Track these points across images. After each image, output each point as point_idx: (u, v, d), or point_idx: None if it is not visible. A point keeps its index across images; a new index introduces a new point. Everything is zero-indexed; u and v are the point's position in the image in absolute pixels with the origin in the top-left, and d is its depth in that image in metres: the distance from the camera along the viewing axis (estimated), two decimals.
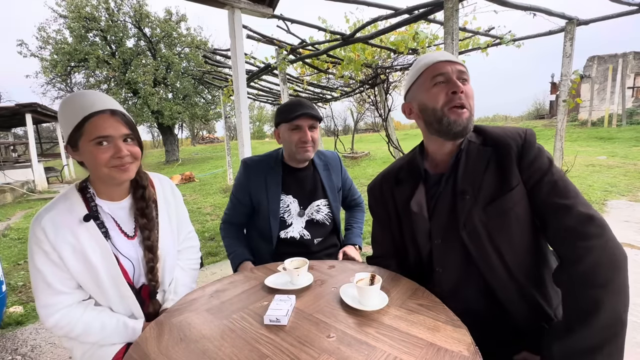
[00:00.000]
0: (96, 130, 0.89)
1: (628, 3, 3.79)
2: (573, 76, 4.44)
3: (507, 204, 0.84)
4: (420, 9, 3.13)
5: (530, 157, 0.85)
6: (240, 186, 1.45)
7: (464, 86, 0.87)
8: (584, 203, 0.78)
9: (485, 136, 0.92)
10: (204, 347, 0.73)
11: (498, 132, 0.91)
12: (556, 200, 0.80)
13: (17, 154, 12.83)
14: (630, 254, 2.83)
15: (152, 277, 1.03)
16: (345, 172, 1.64)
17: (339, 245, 1.57)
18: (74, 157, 0.95)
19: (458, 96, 0.86)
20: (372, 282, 0.87)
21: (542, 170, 0.83)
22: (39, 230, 0.87)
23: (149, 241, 1.02)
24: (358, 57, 4.51)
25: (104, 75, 15.67)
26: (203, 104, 17.99)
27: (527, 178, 0.85)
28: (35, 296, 0.91)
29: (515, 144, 0.86)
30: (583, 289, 0.71)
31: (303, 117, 1.32)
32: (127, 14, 15.75)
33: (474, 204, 0.87)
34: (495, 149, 0.89)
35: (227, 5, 2.67)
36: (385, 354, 0.66)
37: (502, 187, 0.85)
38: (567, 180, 0.83)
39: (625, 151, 8.96)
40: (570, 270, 0.75)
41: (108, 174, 0.92)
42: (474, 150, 0.91)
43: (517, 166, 0.85)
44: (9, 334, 2.20)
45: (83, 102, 0.91)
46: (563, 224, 0.78)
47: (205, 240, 3.97)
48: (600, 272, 0.70)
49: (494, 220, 0.86)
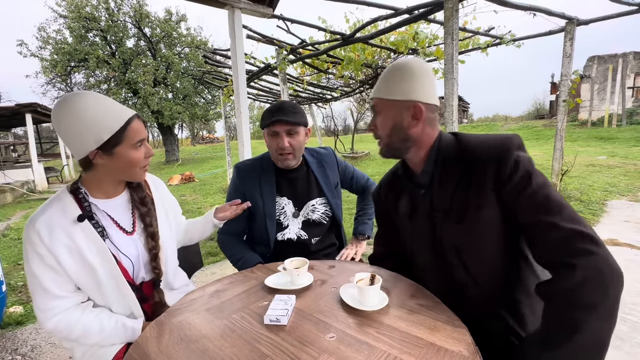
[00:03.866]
0: (138, 134, 0.94)
1: (628, 3, 3.80)
2: (573, 76, 4.44)
3: (476, 224, 0.83)
4: (420, 9, 3.13)
5: (506, 174, 0.80)
6: (235, 192, 1.42)
7: (374, 119, 0.96)
8: (571, 218, 0.72)
9: (462, 150, 0.89)
10: (204, 347, 0.73)
11: (474, 146, 0.87)
12: (540, 218, 0.74)
13: (17, 154, 12.84)
14: (630, 254, 2.83)
15: (155, 264, 1.03)
16: (344, 164, 1.60)
17: (337, 245, 1.55)
18: (99, 161, 0.91)
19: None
20: (372, 282, 0.87)
21: (520, 187, 0.78)
22: (33, 234, 0.86)
23: (151, 228, 1.03)
24: (358, 57, 4.52)
25: (104, 75, 15.68)
26: (203, 104, 18.00)
27: (506, 197, 0.80)
28: (33, 300, 0.90)
29: (489, 159, 0.82)
30: (566, 309, 0.67)
31: (278, 124, 1.28)
32: (127, 14, 15.75)
33: (444, 222, 0.89)
34: (467, 166, 0.86)
35: (227, 5, 2.67)
36: (385, 354, 0.66)
37: (471, 206, 0.84)
38: (550, 193, 0.76)
39: (625, 151, 8.96)
40: (555, 286, 0.71)
41: (139, 176, 0.99)
42: (448, 166, 0.90)
43: (493, 184, 0.81)
44: (9, 334, 2.20)
45: (113, 107, 0.91)
46: (549, 242, 0.72)
47: (205, 240, 3.97)
48: (587, 294, 0.65)
49: (464, 239, 0.86)
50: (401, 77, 0.90)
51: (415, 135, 0.92)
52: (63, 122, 0.88)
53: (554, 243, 0.71)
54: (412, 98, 0.89)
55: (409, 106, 0.90)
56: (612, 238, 3.19)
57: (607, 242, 3.05)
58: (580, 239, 0.69)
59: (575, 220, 0.71)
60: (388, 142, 0.95)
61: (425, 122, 0.91)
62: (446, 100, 2.65)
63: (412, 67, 0.90)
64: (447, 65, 2.62)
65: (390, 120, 0.93)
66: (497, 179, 0.80)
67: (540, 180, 0.78)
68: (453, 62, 2.58)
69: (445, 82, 2.65)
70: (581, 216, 0.73)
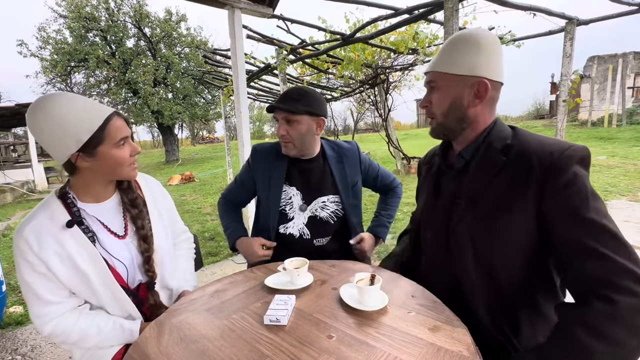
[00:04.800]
0: (119, 132, 0.90)
1: (628, 3, 3.80)
2: (573, 76, 4.44)
3: (499, 226, 0.77)
4: (420, 9, 3.13)
5: (558, 184, 0.71)
6: (246, 170, 1.45)
7: (429, 95, 0.90)
8: (627, 254, 0.65)
9: (513, 144, 0.81)
10: (204, 347, 0.73)
11: (530, 142, 0.78)
12: (590, 243, 0.66)
13: (17, 153, 12.84)
14: None
15: (148, 267, 1.01)
16: (368, 161, 1.49)
17: (341, 252, 1.39)
18: (82, 164, 0.88)
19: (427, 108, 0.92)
20: (372, 282, 0.87)
21: (572, 205, 0.69)
22: (21, 242, 0.84)
23: (143, 230, 1.00)
24: (358, 57, 4.52)
25: (104, 75, 15.68)
26: (203, 104, 17.99)
27: (550, 207, 0.72)
28: (28, 306, 0.89)
29: (539, 162, 0.73)
30: (584, 337, 0.63)
31: (277, 111, 1.27)
32: (127, 14, 15.75)
33: (465, 214, 0.83)
34: (510, 161, 0.78)
35: (227, 5, 2.67)
36: (385, 354, 0.66)
37: (501, 205, 0.77)
38: (608, 224, 0.67)
39: (625, 151, 8.95)
40: (583, 313, 0.65)
41: (127, 174, 0.95)
42: (489, 156, 0.83)
43: (537, 190, 0.73)
44: (9, 334, 2.20)
45: (90, 106, 0.87)
46: (593, 272, 0.66)
47: (205, 240, 3.97)
48: (618, 332, 0.61)
49: (482, 238, 0.80)
50: (467, 50, 0.81)
51: (472, 116, 0.84)
52: (39, 128, 0.84)
53: (596, 274, 0.65)
54: (478, 74, 0.81)
55: (474, 83, 0.81)
56: None
57: None
58: (629, 277, 0.63)
59: (629, 257, 0.65)
60: (443, 121, 0.87)
61: (487, 103, 0.84)
62: None
63: (480, 38, 0.81)
64: None
65: (450, 97, 0.84)
66: (545, 185, 0.72)
67: (597, 205, 0.69)
68: None
69: None
70: (636, 254, 0.66)
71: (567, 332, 0.66)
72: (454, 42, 0.84)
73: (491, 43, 0.82)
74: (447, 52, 0.85)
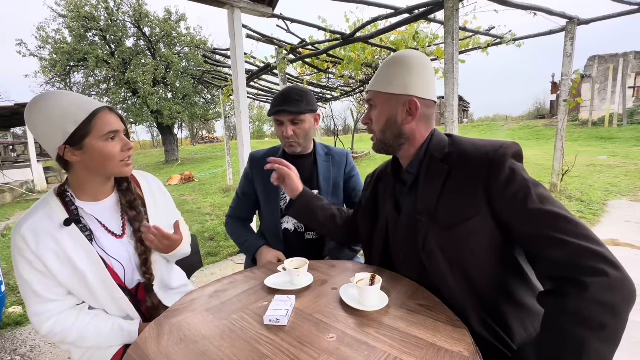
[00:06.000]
0: (107, 125, 0.89)
1: (629, 3, 3.79)
2: (574, 76, 4.44)
3: (464, 232, 0.78)
4: (421, 9, 3.13)
5: (500, 182, 0.74)
6: (246, 179, 1.49)
7: (369, 112, 0.95)
8: (581, 234, 0.66)
9: (451, 152, 0.84)
10: (203, 347, 0.72)
11: (466, 148, 0.82)
12: (546, 233, 0.69)
13: (16, 153, 12.84)
14: (631, 254, 2.83)
15: (146, 269, 1.01)
16: (353, 170, 1.55)
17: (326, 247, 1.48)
18: (71, 157, 0.88)
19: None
20: (372, 282, 0.87)
21: (518, 199, 0.72)
22: (19, 240, 0.84)
23: (140, 233, 1.00)
24: (358, 57, 4.51)
25: (104, 75, 15.68)
26: (203, 103, 18.00)
27: (501, 207, 0.75)
28: (26, 305, 0.89)
29: (479, 164, 0.77)
30: (570, 326, 0.64)
31: (282, 114, 1.31)
32: (126, 14, 15.75)
33: (429, 229, 0.84)
34: (453, 169, 0.81)
35: (227, 5, 2.66)
36: (386, 354, 0.66)
37: (459, 214, 0.79)
38: (554, 207, 0.70)
39: (626, 151, 8.95)
40: (561, 301, 0.66)
41: (119, 170, 0.94)
42: (432, 168, 0.85)
43: (485, 192, 0.76)
44: (8, 334, 2.19)
45: (79, 100, 0.89)
46: (556, 259, 0.67)
47: (205, 240, 3.97)
48: (596, 315, 0.61)
49: (452, 247, 0.81)
50: (399, 70, 0.87)
51: (408, 132, 0.89)
52: (32, 123, 0.87)
53: (561, 260, 0.67)
54: (410, 92, 0.86)
55: (405, 101, 0.86)
56: (613, 238, 3.19)
57: (607, 242, 3.05)
58: (592, 257, 0.64)
59: (587, 237, 0.66)
60: (381, 137, 0.93)
61: (420, 119, 0.88)
62: (446, 100, 2.65)
63: (411, 59, 0.86)
64: (448, 65, 2.62)
65: (386, 115, 0.90)
66: (490, 186, 0.75)
67: (541, 192, 0.72)
68: (453, 62, 2.58)
69: (446, 81, 2.64)
70: (593, 232, 0.68)
71: (554, 324, 0.67)
72: (389, 62, 0.89)
73: (422, 64, 0.87)
74: (383, 72, 0.90)
